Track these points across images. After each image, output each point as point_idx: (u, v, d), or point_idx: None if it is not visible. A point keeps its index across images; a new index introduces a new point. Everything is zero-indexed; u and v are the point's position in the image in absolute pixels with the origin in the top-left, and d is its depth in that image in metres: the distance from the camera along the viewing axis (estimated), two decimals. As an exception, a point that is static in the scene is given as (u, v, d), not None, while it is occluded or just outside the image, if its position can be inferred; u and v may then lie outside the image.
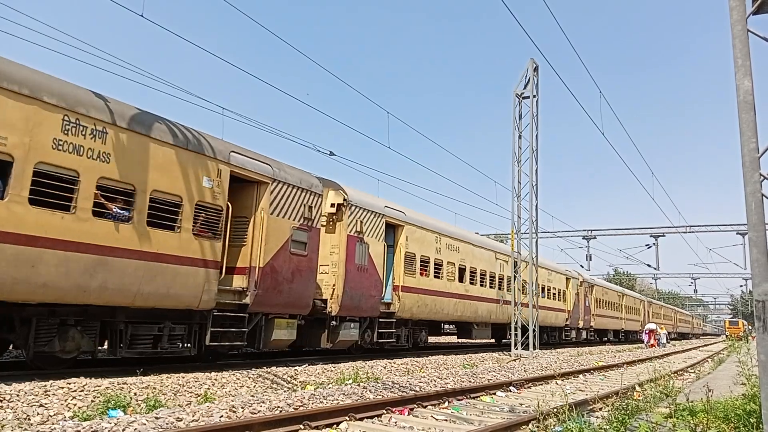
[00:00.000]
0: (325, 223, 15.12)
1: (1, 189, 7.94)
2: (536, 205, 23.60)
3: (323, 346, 14.93)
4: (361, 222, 15.81)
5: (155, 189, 9.90)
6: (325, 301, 14.65)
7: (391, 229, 17.90)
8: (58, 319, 9.15)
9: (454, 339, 33.33)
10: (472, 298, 22.39)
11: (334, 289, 14.84)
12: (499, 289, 25.10)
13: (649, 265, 42.86)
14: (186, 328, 10.96)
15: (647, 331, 40.36)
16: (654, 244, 40.05)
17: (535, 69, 23.76)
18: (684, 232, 39.16)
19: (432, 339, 29.75)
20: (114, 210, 9.27)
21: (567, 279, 34.54)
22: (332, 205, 15.15)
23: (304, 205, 13.41)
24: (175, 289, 10.16)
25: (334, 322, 14.95)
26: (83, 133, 8.76)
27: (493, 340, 29.53)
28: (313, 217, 13.66)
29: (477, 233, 27.41)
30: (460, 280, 21.65)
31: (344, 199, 15.28)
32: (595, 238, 41.06)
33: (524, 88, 23.86)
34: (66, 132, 8.53)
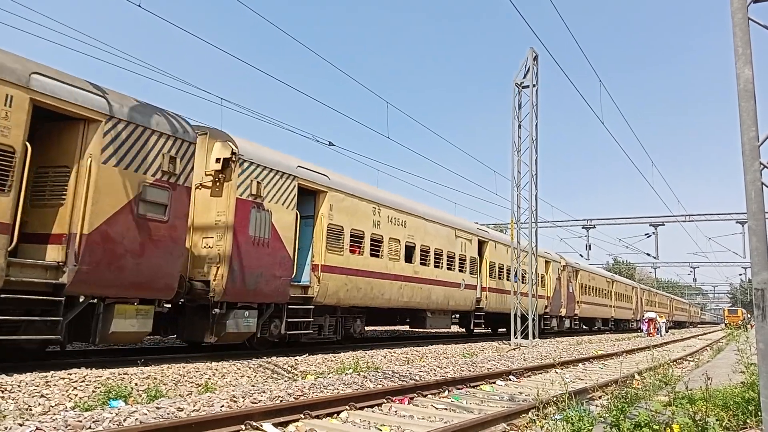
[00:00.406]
0: (208, 183, 12.23)
1: None
2: (536, 195, 23.61)
3: (206, 341, 11.77)
4: (260, 183, 12.56)
5: None
6: (207, 283, 11.57)
7: (311, 196, 14.70)
8: None
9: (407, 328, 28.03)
10: (423, 281, 19.19)
11: (218, 268, 11.65)
12: (461, 271, 21.98)
13: (648, 254, 42.91)
14: None
15: (647, 320, 40.48)
16: (653, 233, 40.05)
17: (535, 58, 23.67)
18: (683, 221, 39.16)
19: (377, 328, 27.46)
20: None
21: (546, 262, 31.21)
22: (217, 161, 12.09)
23: (165, 156, 10.36)
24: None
25: (217, 310, 11.63)
26: None
27: (454, 329, 27.18)
28: (178, 172, 10.60)
29: (476, 222, 27.30)
30: (408, 260, 18.39)
31: (233, 153, 12.10)
32: (594, 227, 41.05)
33: (524, 78, 23.78)
34: None
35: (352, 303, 15.92)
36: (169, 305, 11.21)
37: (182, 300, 11.52)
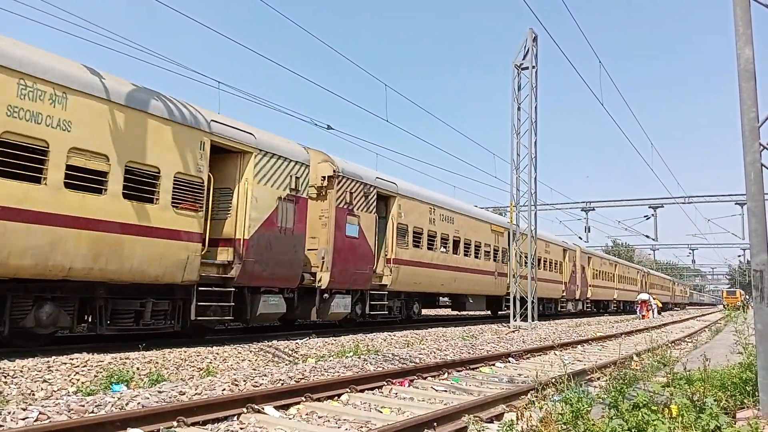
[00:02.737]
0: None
1: None
2: (535, 178, 23.58)
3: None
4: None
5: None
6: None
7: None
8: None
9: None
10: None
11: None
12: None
13: (647, 236, 42.96)
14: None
15: (639, 302, 39.94)
16: (653, 215, 40.06)
17: (534, 39, 23.50)
18: (682, 203, 39.13)
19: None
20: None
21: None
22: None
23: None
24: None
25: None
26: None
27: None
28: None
29: (476, 206, 27.37)
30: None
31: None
32: (593, 209, 41.00)
33: (523, 59, 23.62)
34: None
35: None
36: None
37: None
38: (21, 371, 7.36)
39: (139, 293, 10.36)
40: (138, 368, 8.38)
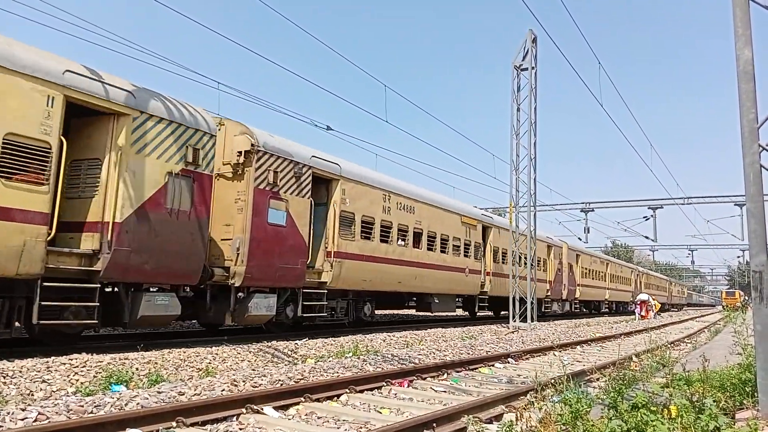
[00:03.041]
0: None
1: None
2: (534, 178, 23.56)
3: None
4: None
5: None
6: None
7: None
8: None
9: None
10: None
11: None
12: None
13: (646, 237, 42.97)
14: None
15: (639, 302, 39.00)
16: (652, 216, 40.09)
17: (534, 40, 23.51)
18: (682, 204, 39.16)
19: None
20: None
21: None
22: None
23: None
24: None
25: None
26: None
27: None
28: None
29: (475, 206, 27.30)
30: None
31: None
32: (593, 210, 41.06)
33: (522, 60, 23.62)
34: None
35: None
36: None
37: None
38: (20, 371, 7.35)
39: None
40: (137, 369, 8.38)
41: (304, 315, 14.11)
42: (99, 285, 9.34)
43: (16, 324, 8.93)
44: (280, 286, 13.25)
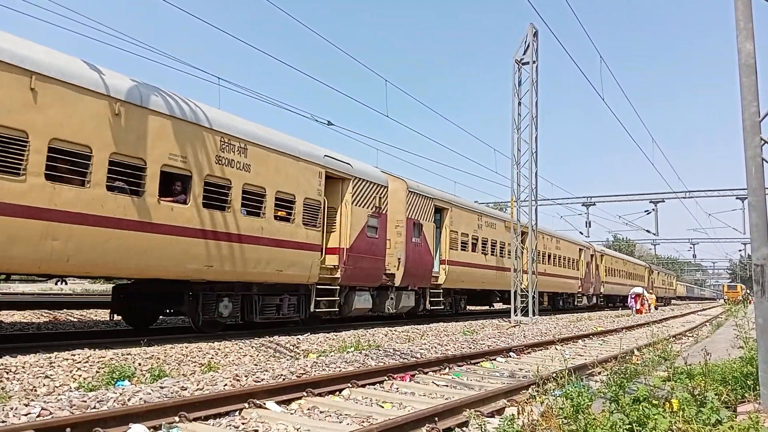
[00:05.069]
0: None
1: None
2: (536, 173, 23.58)
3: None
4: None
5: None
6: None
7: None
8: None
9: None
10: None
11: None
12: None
13: (648, 231, 42.96)
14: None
15: (633, 295, 37.70)
16: (653, 209, 40.06)
17: (535, 34, 23.45)
18: (683, 198, 39.16)
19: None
20: None
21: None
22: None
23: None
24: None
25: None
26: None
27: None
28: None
29: (476, 201, 27.43)
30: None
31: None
32: (594, 204, 41.07)
33: (524, 54, 23.58)
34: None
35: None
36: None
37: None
38: (23, 367, 7.37)
39: None
40: (140, 364, 8.40)
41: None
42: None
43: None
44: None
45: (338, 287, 14.55)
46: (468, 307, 26.48)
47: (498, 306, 29.23)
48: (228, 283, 11.91)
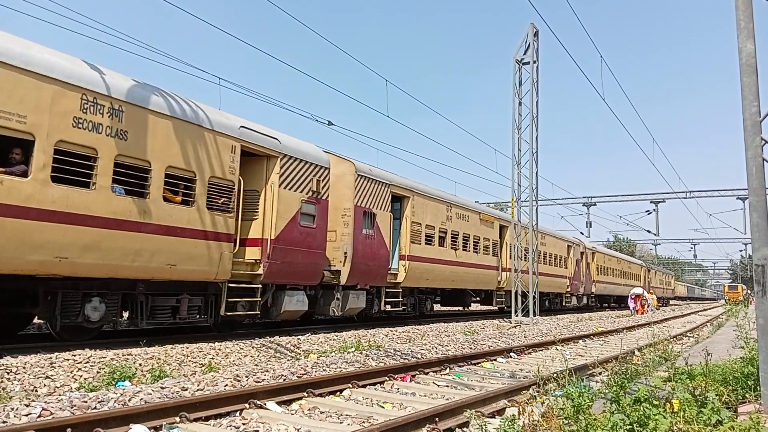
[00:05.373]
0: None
1: None
2: (536, 173, 23.57)
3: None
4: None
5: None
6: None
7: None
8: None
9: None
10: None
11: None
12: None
13: (649, 231, 42.95)
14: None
15: (633, 296, 37.19)
16: (654, 210, 40.07)
17: (535, 34, 23.46)
18: (684, 198, 39.16)
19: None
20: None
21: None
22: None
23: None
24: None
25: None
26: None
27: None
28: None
29: (476, 201, 27.35)
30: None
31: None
32: (595, 204, 41.10)
33: (524, 54, 23.59)
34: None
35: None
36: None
37: None
38: (24, 368, 7.37)
39: None
40: (140, 364, 8.41)
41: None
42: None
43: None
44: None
45: (260, 286, 12.10)
46: (440, 308, 24.66)
47: (475, 307, 27.56)
48: (101, 280, 9.48)
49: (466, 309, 26.34)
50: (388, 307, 17.18)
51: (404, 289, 18.09)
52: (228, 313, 11.52)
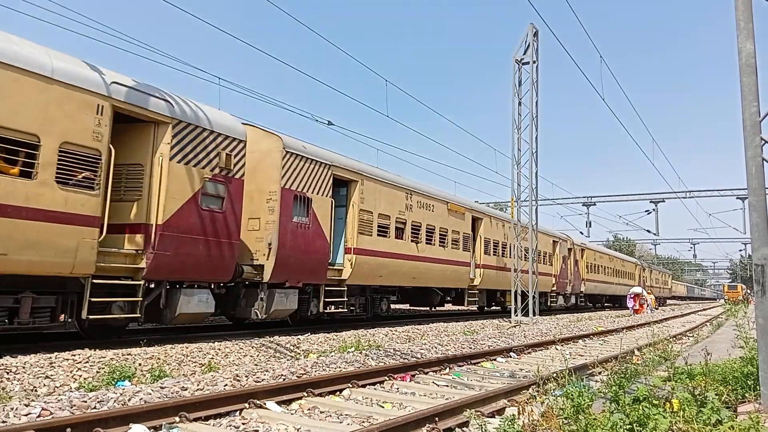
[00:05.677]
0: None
1: None
2: (536, 173, 23.56)
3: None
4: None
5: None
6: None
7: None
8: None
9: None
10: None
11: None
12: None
13: (648, 231, 42.97)
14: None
15: (632, 296, 36.84)
16: (654, 209, 40.09)
17: (535, 34, 23.46)
18: (684, 198, 39.18)
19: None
20: None
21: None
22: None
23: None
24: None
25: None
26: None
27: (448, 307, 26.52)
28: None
29: (476, 201, 27.31)
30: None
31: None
32: (594, 204, 41.12)
33: (524, 54, 23.60)
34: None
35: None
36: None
37: None
38: (23, 367, 7.38)
39: None
40: (140, 364, 8.41)
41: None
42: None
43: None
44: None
45: (143, 282, 9.74)
46: (409, 308, 22.63)
47: (448, 307, 25.40)
48: None
49: (432, 310, 24.32)
50: (330, 308, 14.83)
51: (351, 288, 15.71)
52: (96, 317, 9.23)
